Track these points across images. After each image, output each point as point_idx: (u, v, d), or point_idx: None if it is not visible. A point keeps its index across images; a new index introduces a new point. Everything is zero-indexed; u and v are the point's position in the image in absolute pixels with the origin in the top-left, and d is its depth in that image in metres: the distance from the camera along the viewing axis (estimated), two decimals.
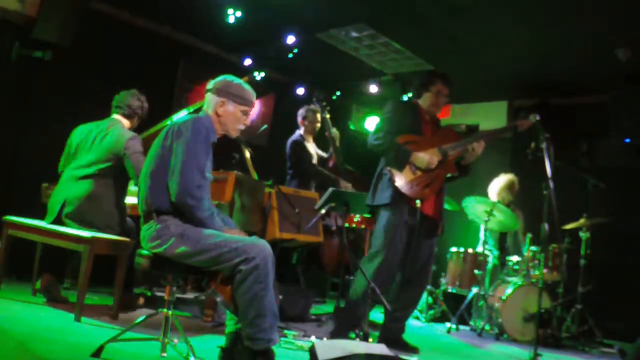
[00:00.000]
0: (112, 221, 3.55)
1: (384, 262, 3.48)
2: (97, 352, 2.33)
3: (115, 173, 3.57)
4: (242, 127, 2.67)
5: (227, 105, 2.59)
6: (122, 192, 3.69)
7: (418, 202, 3.49)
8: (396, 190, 3.51)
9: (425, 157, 3.54)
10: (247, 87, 2.65)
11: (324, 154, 5.18)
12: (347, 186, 4.91)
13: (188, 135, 2.44)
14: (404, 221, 3.54)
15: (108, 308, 3.46)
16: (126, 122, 3.75)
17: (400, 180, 3.53)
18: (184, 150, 2.42)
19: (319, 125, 5.09)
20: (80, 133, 3.67)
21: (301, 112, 5.13)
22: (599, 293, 4.93)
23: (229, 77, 2.65)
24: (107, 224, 3.51)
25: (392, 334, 3.64)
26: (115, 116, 3.74)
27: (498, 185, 5.35)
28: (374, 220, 3.81)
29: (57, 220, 3.49)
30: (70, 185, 3.53)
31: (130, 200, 3.90)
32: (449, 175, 3.72)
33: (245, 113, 2.64)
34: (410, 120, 3.71)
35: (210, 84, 2.64)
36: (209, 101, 2.62)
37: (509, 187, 5.30)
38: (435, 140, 3.67)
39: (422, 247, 3.66)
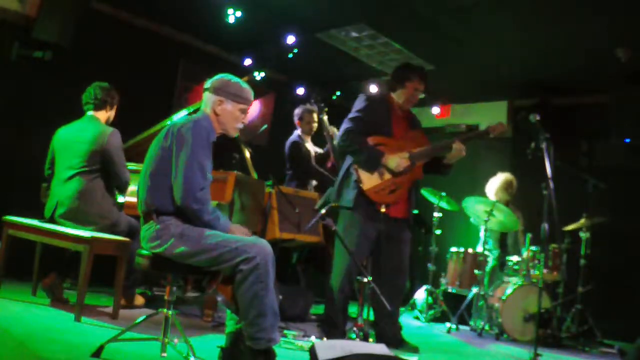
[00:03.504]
0: (105, 212, 3.58)
1: (350, 264, 3.46)
2: (97, 352, 2.33)
3: (101, 167, 3.62)
4: (240, 125, 2.66)
5: (225, 104, 2.59)
6: (110, 184, 3.72)
7: (383, 206, 3.40)
8: (361, 193, 3.48)
9: (397, 161, 3.48)
10: (245, 85, 2.65)
11: (321, 150, 5.18)
12: None
13: (190, 139, 2.43)
14: (367, 223, 3.47)
15: (108, 308, 3.46)
16: (101, 115, 3.77)
17: (367, 184, 3.48)
18: (187, 154, 2.42)
19: (315, 125, 5.09)
20: (61, 136, 3.70)
21: (297, 112, 5.12)
22: (599, 293, 4.93)
23: (227, 76, 2.64)
24: (101, 215, 3.56)
25: (390, 334, 3.62)
26: (89, 113, 3.76)
27: (495, 185, 5.34)
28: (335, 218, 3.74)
29: (52, 221, 3.53)
30: (61, 187, 3.57)
31: (129, 199, 3.92)
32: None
33: (244, 111, 2.63)
34: (381, 117, 3.63)
35: (207, 83, 2.63)
36: (207, 100, 2.61)
37: (506, 186, 5.29)
38: (405, 142, 3.61)
39: (393, 247, 3.61)
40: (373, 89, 6.40)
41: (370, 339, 3.26)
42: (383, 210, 3.38)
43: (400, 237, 3.66)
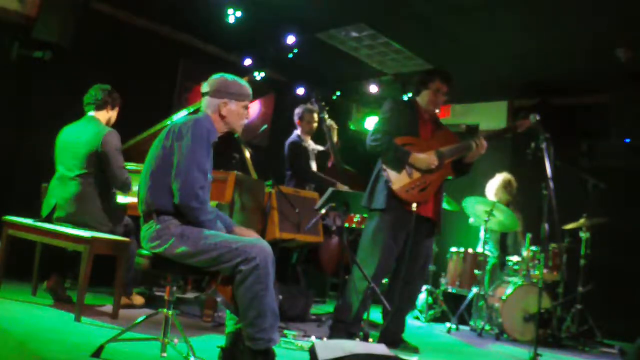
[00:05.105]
0: (103, 217, 3.57)
1: (378, 266, 3.46)
2: (97, 352, 2.34)
3: (99, 170, 3.60)
4: (245, 121, 2.69)
5: (230, 105, 2.59)
6: (109, 187, 3.70)
7: (414, 205, 3.44)
8: (391, 194, 3.48)
9: (425, 158, 3.51)
10: (242, 81, 2.66)
11: (322, 148, 5.18)
12: (344, 188, 4.89)
13: (189, 138, 2.44)
14: (398, 225, 3.49)
15: (108, 308, 3.46)
16: (102, 116, 3.77)
17: (397, 184, 3.49)
18: (186, 152, 2.42)
19: (316, 125, 5.09)
20: (63, 136, 3.70)
21: (298, 112, 5.12)
22: (599, 293, 4.93)
23: (222, 76, 2.63)
24: (98, 220, 3.55)
25: (392, 334, 3.64)
26: (90, 113, 3.76)
27: (495, 185, 5.33)
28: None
29: (48, 222, 3.53)
30: (59, 188, 3.58)
31: (130, 200, 3.91)
32: (449, 177, 3.71)
33: (246, 107, 2.66)
34: (408, 119, 3.67)
35: (205, 87, 2.63)
36: (208, 104, 2.60)
37: (506, 186, 5.29)
38: (433, 142, 3.64)
39: (420, 248, 3.64)
40: (373, 89, 6.40)
41: (370, 339, 3.26)
42: (414, 208, 3.40)
43: (426, 241, 3.68)
